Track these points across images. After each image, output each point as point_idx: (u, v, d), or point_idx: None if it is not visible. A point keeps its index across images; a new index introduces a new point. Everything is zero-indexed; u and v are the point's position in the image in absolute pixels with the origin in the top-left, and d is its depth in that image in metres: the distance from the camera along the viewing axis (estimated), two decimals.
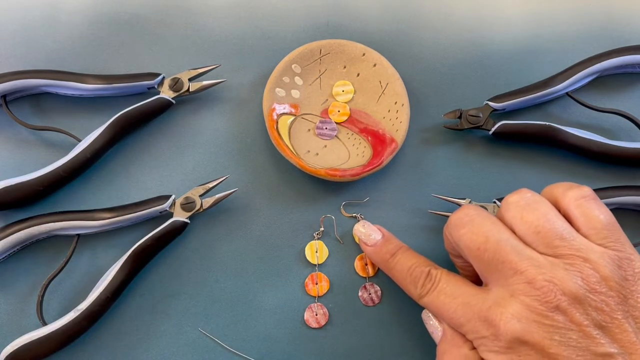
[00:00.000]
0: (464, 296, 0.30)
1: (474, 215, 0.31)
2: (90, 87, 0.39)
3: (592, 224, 0.29)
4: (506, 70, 0.43)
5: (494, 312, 0.28)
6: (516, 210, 0.30)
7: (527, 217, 0.30)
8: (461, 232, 0.31)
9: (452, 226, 0.32)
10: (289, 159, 0.39)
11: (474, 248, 0.30)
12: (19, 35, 0.43)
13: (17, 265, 0.39)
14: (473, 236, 0.30)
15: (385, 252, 0.35)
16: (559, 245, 0.28)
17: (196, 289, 0.39)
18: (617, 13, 0.45)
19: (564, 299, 0.27)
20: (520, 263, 0.28)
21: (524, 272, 0.28)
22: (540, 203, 0.30)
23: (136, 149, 0.41)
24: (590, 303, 0.27)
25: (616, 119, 0.42)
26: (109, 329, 0.38)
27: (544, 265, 0.28)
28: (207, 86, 0.41)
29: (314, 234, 0.40)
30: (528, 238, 0.29)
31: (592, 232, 0.29)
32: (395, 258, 0.35)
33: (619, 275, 0.28)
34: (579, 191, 0.31)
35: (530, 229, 0.29)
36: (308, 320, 0.38)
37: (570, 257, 0.28)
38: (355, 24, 0.44)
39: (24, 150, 0.41)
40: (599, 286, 0.27)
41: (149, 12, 0.44)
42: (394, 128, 0.40)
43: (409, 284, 0.33)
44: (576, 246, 0.28)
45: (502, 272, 0.29)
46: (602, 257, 0.28)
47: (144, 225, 0.39)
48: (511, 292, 0.28)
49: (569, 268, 0.28)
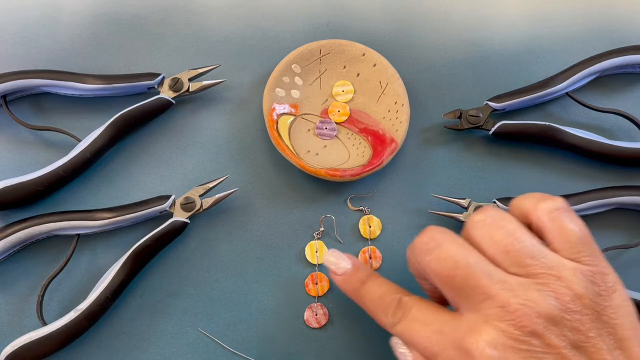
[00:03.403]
0: (436, 324, 0.29)
1: (439, 239, 0.29)
2: (90, 87, 0.39)
3: (565, 237, 0.28)
4: (506, 70, 0.43)
5: (469, 340, 0.27)
6: (483, 229, 0.29)
7: (494, 237, 0.29)
8: (427, 258, 0.29)
9: (418, 251, 0.30)
10: (289, 159, 0.39)
11: (443, 275, 0.28)
12: (19, 35, 0.43)
13: (17, 265, 0.39)
14: (441, 262, 0.29)
15: (355, 281, 0.34)
16: (530, 264, 0.27)
17: (196, 289, 0.39)
18: (617, 13, 0.45)
19: (539, 322, 0.26)
20: (491, 287, 0.27)
21: (497, 296, 0.27)
22: (506, 220, 0.29)
23: (136, 149, 0.41)
24: (565, 323, 0.26)
25: (616, 119, 0.42)
26: (109, 329, 0.38)
27: (516, 288, 0.27)
28: (207, 86, 0.41)
29: (314, 234, 0.40)
30: (497, 258, 0.28)
31: (565, 247, 0.28)
32: (365, 286, 0.33)
33: (593, 292, 0.27)
34: (552, 203, 0.29)
35: (499, 249, 0.28)
36: (308, 320, 0.38)
37: (543, 275, 0.27)
38: (355, 24, 0.44)
39: (24, 150, 0.41)
40: (574, 305, 0.26)
41: (149, 12, 0.44)
42: (394, 128, 0.40)
43: (380, 313, 0.32)
44: (547, 264, 0.27)
45: (473, 298, 0.28)
46: (574, 274, 0.27)
47: (144, 225, 0.39)
48: (484, 317, 0.27)
49: (542, 288, 0.27)
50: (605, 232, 0.40)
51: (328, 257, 0.35)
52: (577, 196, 0.39)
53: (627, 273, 0.39)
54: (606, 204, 0.38)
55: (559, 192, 0.40)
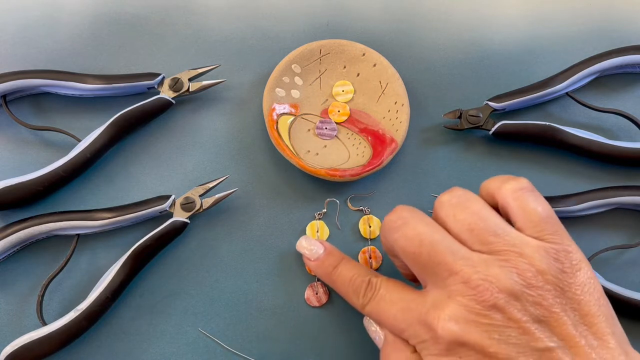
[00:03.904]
0: (403, 301, 0.30)
1: (407, 217, 0.30)
2: (90, 87, 0.39)
3: (529, 216, 0.29)
4: (506, 70, 0.43)
5: (432, 315, 0.28)
6: (449, 208, 0.30)
7: (459, 215, 0.29)
8: (395, 235, 0.30)
9: (387, 229, 0.31)
10: (289, 159, 0.39)
11: (409, 252, 0.29)
12: (19, 35, 0.43)
13: (17, 265, 0.39)
14: (407, 240, 0.29)
15: (327, 265, 0.35)
16: (493, 241, 0.28)
17: (196, 289, 0.39)
18: (617, 13, 0.45)
19: (500, 297, 0.27)
20: (455, 264, 0.28)
21: (459, 273, 0.28)
22: (472, 201, 0.30)
23: (136, 149, 0.41)
24: (527, 298, 0.27)
25: (616, 119, 0.42)
26: (109, 329, 0.38)
27: (478, 264, 0.27)
28: (207, 86, 0.41)
29: (316, 214, 0.40)
30: (462, 236, 0.29)
31: (529, 225, 0.29)
32: (337, 270, 0.35)
33: (556, 268, 0.27)
34: (515, 183, 0.30)
35: (463, 227, 0.29)
36: (309, 298, 0.38)
37: (505, 252, 0.28)
38: (355, 24, 0.44)
39: (24, 150, 0.41)
40: (535, 280, 0.27)
41: (149, 12, 0.44)
42: (394, 128, 0.40)
43: (351, 294, 0.33)
44: (510, 241, 0.28)
45: (438, 274, 0.28)
46: (537, 251, 0.28)
47: (144, 225, 0.39)
48: (448, 293, 0.28)
49: (504, 264, 0.27)
50: (605, 232, 0.40)
51: (301, 242, 0.37)
52: (577, 196, 0.39)
53: (627, 273, 0.39)
54: (606, 204, 0.38)
55: (559, 192, 0.40)
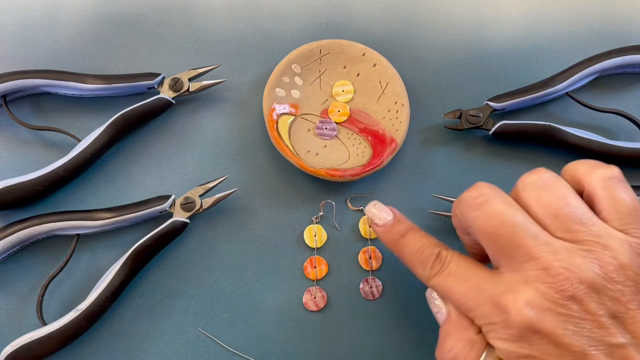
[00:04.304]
0: (474, 279, 0.29)
1: (489, 195, 0.29)
2: (90, 87, 0.39)
3: (617, 207, 0.28)
4: (506, 70, 0.43)
5: (507, 298, 0.27)
6: (533, 191, 0.29)
7: (545, 199, 0.28)
8: (474, 214, 0.29)
9: (465, 206, 0.30)
10: (289, 159, 0.39)
11: (487, 232, 0.28)
12: (19, 35, 0.43)
13: (17, 265, 0.39)
14: (487, 219, 0.28)
15: (395, 233, 0.34)
16: (578, 230, 0.27)
17: (196, 289, 0.39)
18: (617, 13, 0.45)
19: (580, 288, 0.26)
20: (536, 249, 0.27)
21: (540, 259, 0.27)
22: (559, 184, 0.29)
23: (136, 149, 0.41)
24: (606, 292, 0.26)
25: (616, 119, 0.41)
26: (109, 329, 0.38)
27: (560, 252, 0.27)
28: (207, 86, 0.41)
29: (313, 218, 0.40)
30: (545, 221, 0.28)
31: (615, 217, 0.28)
32: (404, 239, 0.33)
33: (638, 264, 0.27)
34: (607, 171, 0.29)
35: (548, 212, 0.28)
36: (307, 303, 0.38)
37: (589, 243, 0.27)
38: (355, 24, 0.44)
39: (24, 150, 0.41)
40: (617, 275, 0.26)
41: (149, 12, 0.44)
42: (394, 128, 0.40)
43: (418, 265, 0.32)
44: (595, 232, 0.27)
45: (516, 258, 0.27)
46: (622, 245, 0.27)
47: (144, 225, 0.39)
48: (525, 278, 0.27)
49: (586, 255, 0.26)
50: None
51: (370, 207, 0.35)
52: None
53: None
54: None
55: None
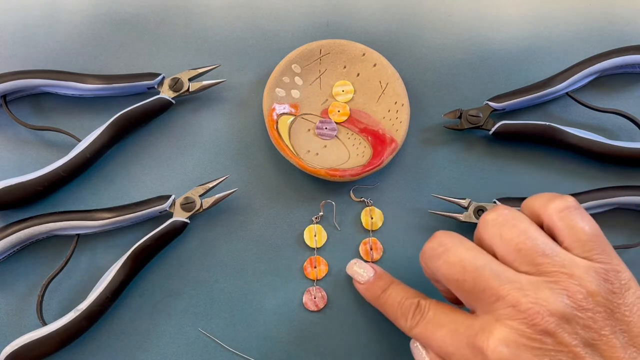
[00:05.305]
0: (452, 324, 0.29)
1: (447, 243, 0.30)
2: (90, 87, 0.39)
3: (577, 236, 0.28)
4: (506, 70, 0.43)
5: (481, 338, 0.27)
6: (494, 228, 0.29)
7: (506, 235, 0.29)
8: (437, 263, 0.30)
9: (427, 257, 0.31)
10: (289, 159, 0.39)
11: (452, 279, 0.29)
12: (19, 35, 0.43)
13: (17, 265, 0.39)
14: (450, 267, 0.29)
15: (377, 288, 0.35)
16: (542, 262, 0.27)
17: (196, 289, 0.39)
18: (617, 13, 0.45)
19: (551, 320, 0.26)
20: (501, 288, 0.27)
21: (507, 296, 0.27)
22: (519, 219, 0.29)
23: (136, 149, 0.41)
24: (577, 321, 0.26)
25: (616, 119, 0.41)
26: (109, 329, 0.38)
27: (527, 287, 0.27)
28: (207, 86, 0.41)
29: (313, 218, 0.40)
30: (509, 257, 0.28)
31: (577, 245, 0.28)
32: (386, 293, 0.34)
33: (606, 289, 0.27)
34: (562, 202, 0.29)
35: (510, 247, 0.28)
36: (307, 303, 0.38)
37: (555, 274, 0.27)
38: (355, 24, 0.44)
39: (24, 150, 0.41)
40: (586, 303, 0.26)
41: (149, 12, 0.44)
42: (394, 128, 0.40)
43: (400, 317, 0.33)
44: (560, 262, 0.27)
45: (485, 299, 0.28)
46: (587, 272, 0.27)
47: (144, 225, 0.39)
48: (496, 317, 0.27)
49: (554, 287, 0.27)
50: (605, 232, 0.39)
51: (352, 266, 0.37)
52: (577, 196, 0.38)
53: None
54: (606, 204, 0.38)
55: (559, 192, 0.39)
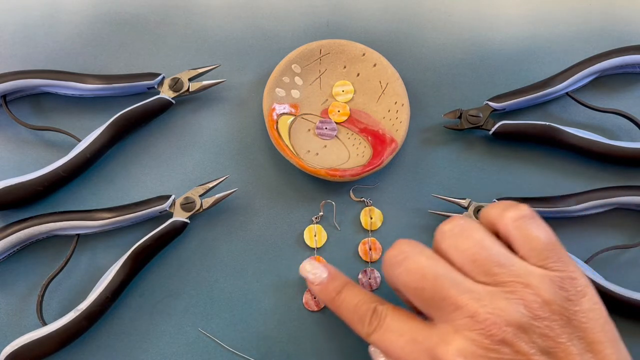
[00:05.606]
0: (410, 333, 0.29)
1: (408, 251, 0.30)
2: (90, 87, 0.39)
3: (532, 244, 0.28)
4: (506, 70, 0.43)
5: (440, 349, 0.27)
6: (451, 239, 0.29)
7: (462, 246, 0.29)
8: (397, 271, 0.29)
9: (388, 265, 0.30)
10: (289, 159, 0.39)
11: (412, 287, 0.29)
12: (19, 35, 0.43)
13: (17, 265, 0.39)
14: (409, 275, 0.29)
15: (331, 290, 0.34)
16: (498, 272, 0.28)
17: (196, 289, 0.39)
18: (617, 13, 0.45)
19: (508, 330, 0.26)
20: (460, 297, 0.27)
21: (465, 306, 0.27)
22: (474, 229, 0.29)
23: (136, 149, 0.41)
24: (534, 330, 0.26)
25: (616, 119, 0.42)
26: (109, 329, 0.38)
27: (484, 297, 0.27)
28: (207, 86, 0.41)
29: (313, 218, 0.40)
30: (466, 267, 0.28)
31: (532, 254, 0.28)
32: (341, 296, 0.33)
33: (561, 297, 0.27)
34: (516, 211, 0.29)
35: (466, 258, 0.28)
36: (307, 303, 0.38)
37: (511, 283, 0.27)
38: (355, 24, 0.44)
39: (24, 150, 0.41)
40: (542, 311, 0.27)
41: (149, 12, 0.44)
42: (394, 128, 0.40)
43: (356, 322, 0.32)
44: (515, 272, 0.27)
45: (444, 308, 0.28)
46: (542, 281, 0.27)
47: (144, 225, 0.39)
48: (455, 327, 0.27)
49: (509, 297, 0.27)
50: (605, 232, 0.40)
51: (305, 266, 0.36)
52: (577, 196, 0.39)
53: (627, 273, 0.39)
54: (606, 204, 0.38)
55: (559, 192, 0.40)
